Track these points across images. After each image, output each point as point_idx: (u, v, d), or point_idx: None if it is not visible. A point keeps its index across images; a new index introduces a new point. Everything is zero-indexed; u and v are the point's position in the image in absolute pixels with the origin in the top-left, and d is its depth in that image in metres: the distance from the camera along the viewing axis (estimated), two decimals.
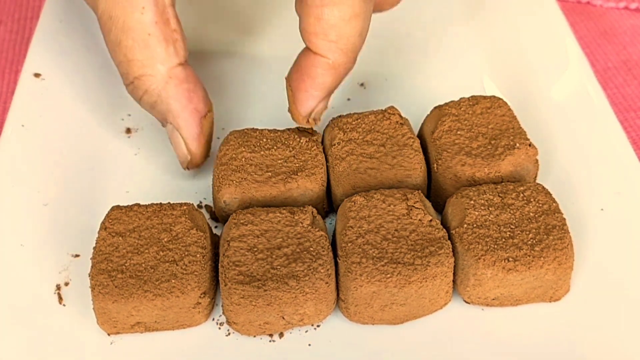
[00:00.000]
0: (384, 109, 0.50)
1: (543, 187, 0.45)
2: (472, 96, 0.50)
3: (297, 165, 0.46)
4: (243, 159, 0.47)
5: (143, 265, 0.41)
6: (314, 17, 0.44)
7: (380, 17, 0.62)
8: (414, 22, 0.61)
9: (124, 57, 0.46)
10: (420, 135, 0.50)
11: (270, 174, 0.46)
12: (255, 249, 0.42)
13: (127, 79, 0.47)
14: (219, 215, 0.47)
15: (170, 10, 0.46)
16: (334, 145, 0.48)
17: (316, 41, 0.44)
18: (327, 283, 0.41)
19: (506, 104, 0.50)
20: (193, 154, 0.48)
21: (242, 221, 0.43)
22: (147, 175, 0.51)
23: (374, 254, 0.41)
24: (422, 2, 0.64)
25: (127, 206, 0.44)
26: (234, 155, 0.47)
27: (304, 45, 0.60)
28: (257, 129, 0.49)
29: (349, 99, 0.56)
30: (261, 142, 0.48)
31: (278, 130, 0.49)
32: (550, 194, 0.44)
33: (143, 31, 0.45)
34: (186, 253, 0.42)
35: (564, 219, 0.43)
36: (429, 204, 0.45)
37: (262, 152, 0.47)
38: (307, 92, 0.46)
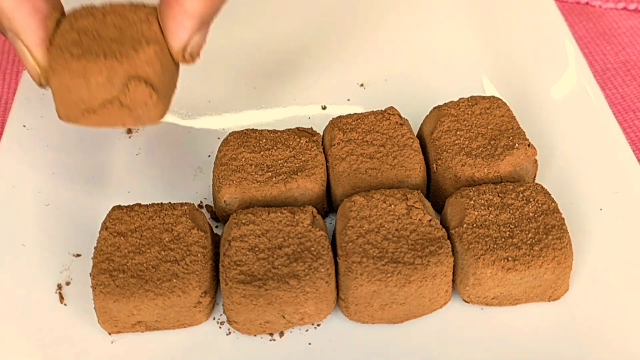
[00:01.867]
0: (383, 109, 0.50)
1: (542, 187, 0.45)
2: (471, 96, 0.50)
3: (297, 165, 0.46)
4: (243, 159, 0.47)
5: (144, 264, 0.41)
6: None
7: (379, 17, 0.63)
8: (413, 22, 0.62)
9: None
10: (420, 136, 0.50)
11: (270, 174, 0.46)
12: (256, 249, 0.42)
13: None
14: (220, 215, 0.47)
15: None
16: (334, 145, 0.48)
17: None
18: (327, 282, 0.41)
19: (505, 104, 0.50)
20: (41, 65, 0.40)
21: (243, 221, 0.43)
22: (148, 175, 0.51)
23: (374, 254, 0.41)
24: (422, 3, 0.64)
25: (128, 206, 0.44)
26: (233, 156, 0.47)
27: (306, 45, 0.61)
28: (256, 130, 0.49)
29: (348, 99, 0.56)
30: (261, 142, 0.48)
31: (278, 131, 0.49)
32: (549, 194, 0.45)
33: None
34: (187, 253, 0.42)
35: (563, 219, 0.43)
36: (428, 203, 0.45)
37: (262, 153, 0.47)
38: (177, 21, 0.40)
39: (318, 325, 0.43)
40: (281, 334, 0.43)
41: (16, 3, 0.39)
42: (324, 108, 0.56)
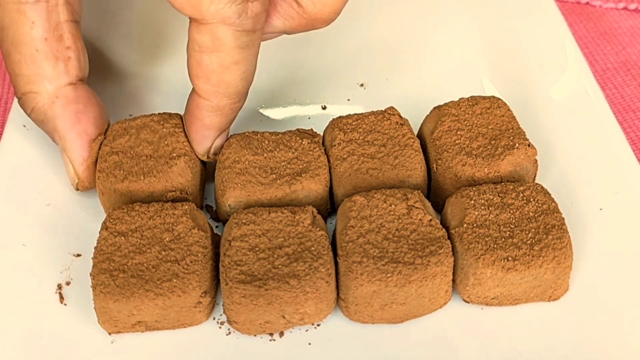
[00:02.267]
0: (384, 109, 0.50)
1: (542, 187, 0.45)
2: (471, 96, 0.50)
3: (300, 166, 0.46)
4: (246, 162, 0.46)
5: (145, 264, 0.41)
6: (195, 61, 0.42)
7: (380, 17, 0.63)
8: (413, 22, 0.62)
9: (12, 71, 0.45)
10: (420, 135, 0.50)
11: (274, 176, 0.46)
12: (256, 249, 0.42)
13: (17, 93, 0.46)
14: (223, 218, 0.47)
15: (67, 27, 0.45)
16: (335, 145, 0.48)
17: (198, 84, 0.43)
18: (327, 282, 0.41)
19: (505, 104, 0.50)
20: (80, 178, 0.47)
21: (243, 221, 0.43)
22: None
23: (375, 254, 0.41)
24: (422, 3, 0.64)
25: (129, 206, 0.44)
26: (237, 159, 0.47)
27: (307, 45, 0.61)
28: (257, 132, 0.49)
29: (348, 99, 0.56)
30: (263, 144, 0.48)
31: (279, 133, 0.49)
32: (550, 194, 0.45)
33: (31, 46, 0.44)
34: (188, 253, 0.42)
35: (563, 219, 0.43)
36: (428, 203, 0.45)
37: (265, 155, 0.47)
38: (199, 133, 0.46)
39: (318, 325, 0.43)
40: (281, 334, 0.43)
41: (69, 125, 0.45)
42: (324, 108, 0.56)
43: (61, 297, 0.44)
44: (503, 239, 0.42)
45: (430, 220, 0.43)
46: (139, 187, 0.45)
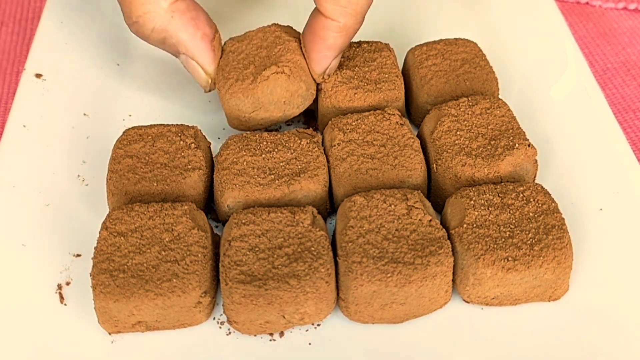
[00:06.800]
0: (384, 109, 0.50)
1: (542, 187, 0.45)
2: (471, 96, 0.50)
3: (299, 167, 0.46)
4: (245, 163, 0.46)
5: (145, 264, 0.41)
6: None
7: (380, 18, 0.63)
8: (413, 22, 0.62)
9: None
10: (420, 135, 0.50)
11: (273, 176, 0.46)
12: (256, 249, 0.42)
13: (130, 18, 0.48)
14: (222, 219, 0.47)
15: None
16: (334, 146, 0.48)
17: (327, 6, 0.46)
18: (327, 282, 0.41)
19: (505, 104, 0.50)
20: (211, 77, 0.50)
21: (243, 221, 0.43)
22: None
23: (375, 254, 0.41)
24: (422, 4, 0.64)
25: (128, 206, 0.44)
26: (235, 160, 0.47)
27: None
28: (256, 133, 0.49)
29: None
30: (261, 145, 0.48)
31: (277, 133, 0.49)
32: (549, 194, 0.45)
33: None
34: (187, 253, 0.42)
35: (563, 219, 0.43)
36: (428, 203, 0.45)
37: (263, 155, 0.47)
38: (320, 53, 0.48)
39: (318, 325, 0.43)
40: (281, 334, 0.43)
41: (191, 33, 0.48)
42: None
43: (61, 297, 0.44)
44: (503, 239, 0.42)
45: (430, 220, 0.43)
46: (151, 192, 0.45)
